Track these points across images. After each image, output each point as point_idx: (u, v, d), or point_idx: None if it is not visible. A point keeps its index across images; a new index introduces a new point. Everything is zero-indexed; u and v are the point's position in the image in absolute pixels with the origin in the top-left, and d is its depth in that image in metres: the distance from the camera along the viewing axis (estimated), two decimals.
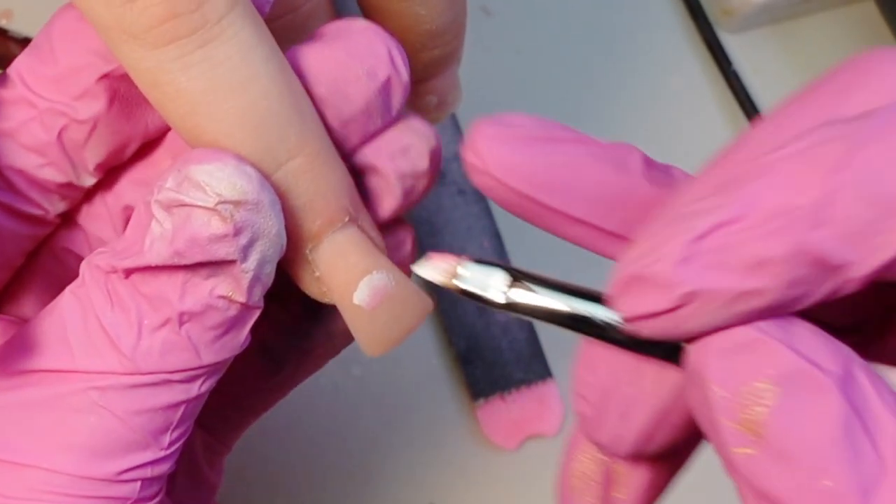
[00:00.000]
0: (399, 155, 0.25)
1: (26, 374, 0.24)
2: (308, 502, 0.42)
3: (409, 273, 0.25)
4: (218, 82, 0.22)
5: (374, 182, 0.25)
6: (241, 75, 0.22)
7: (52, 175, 0.25)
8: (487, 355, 0.42)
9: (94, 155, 0.25)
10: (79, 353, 0.23)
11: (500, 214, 0.44)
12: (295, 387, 0.29)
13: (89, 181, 0.25)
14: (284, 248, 0.23)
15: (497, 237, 0.43)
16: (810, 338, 0.20)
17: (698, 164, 0.24)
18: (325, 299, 0.25)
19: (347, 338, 0.27)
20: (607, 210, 0.23)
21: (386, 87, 0.25)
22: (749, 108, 0.46)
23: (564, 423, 0.43)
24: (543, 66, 0.46)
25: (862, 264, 0.19)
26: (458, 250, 0.43)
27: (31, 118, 0.24)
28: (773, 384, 0.19)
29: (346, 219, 0.24)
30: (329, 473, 0.42)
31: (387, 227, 0.26)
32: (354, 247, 0.24)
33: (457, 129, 0.44)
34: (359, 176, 0.25)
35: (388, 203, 0.25)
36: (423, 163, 0.25)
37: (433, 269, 0.23)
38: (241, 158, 0.22)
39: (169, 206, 0.22)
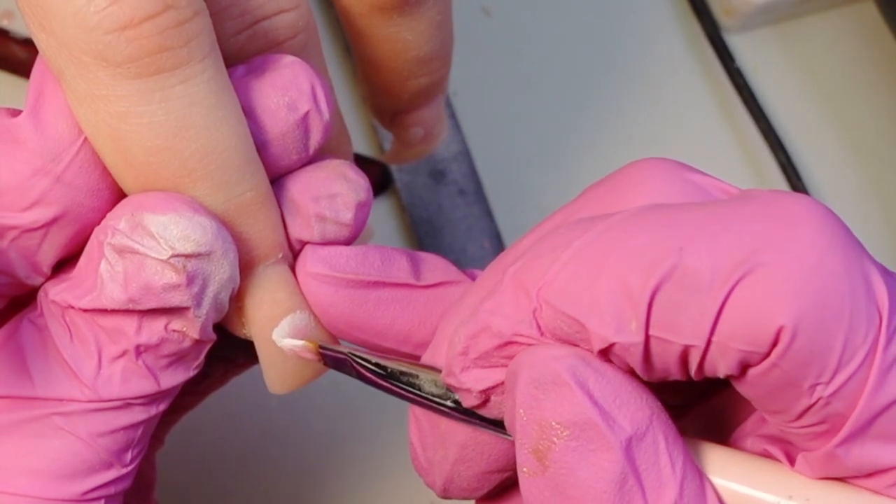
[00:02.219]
0: (324, 199, 0.25)
1: None
2: (307, 502, 0.41)
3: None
4: (192, 120, 0.22)
5: (291, 217, 0.25)
6: (213, 116, 0.23)
7: (1, 280, 0.24)
8: None
9: (47, 258, 0.24)
10: (39, 381, 0.24)
11: (500, 215, 0.44)
12: (224, 384, 0.30)
13: (39, 281, 0.25)
14: (237, 287, 0.24)
15: (497, 238, 0.43)
16: (617, 387, 0.21)
17: (700, 163, 0.24)
18: (241, 332, 0.25)
19: None
20: (404, 337, 0.26)
21: (304, 122, 0.25)
22: (752, 107, 0.46)
23: None
24: (543, 66, 0.46)
25: None
26: (458, 251, 0.43)
27: None
28: (563, 427, 0.21)
29: (280, 255, 0.25)
30: (329, 473, 0.42)
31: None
32: (283, 284, 0.25)
33: (457, 129, 0.44)
34: (279, 206, 0.25)
35: (302, 243, 0.25)
36: (347, 214, 0.25)
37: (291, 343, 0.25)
38: (195, 207, 0.23)
39: (122, 251, 0.23)
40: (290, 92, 0.24)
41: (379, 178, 0.43)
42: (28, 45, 0.42)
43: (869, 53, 0.48)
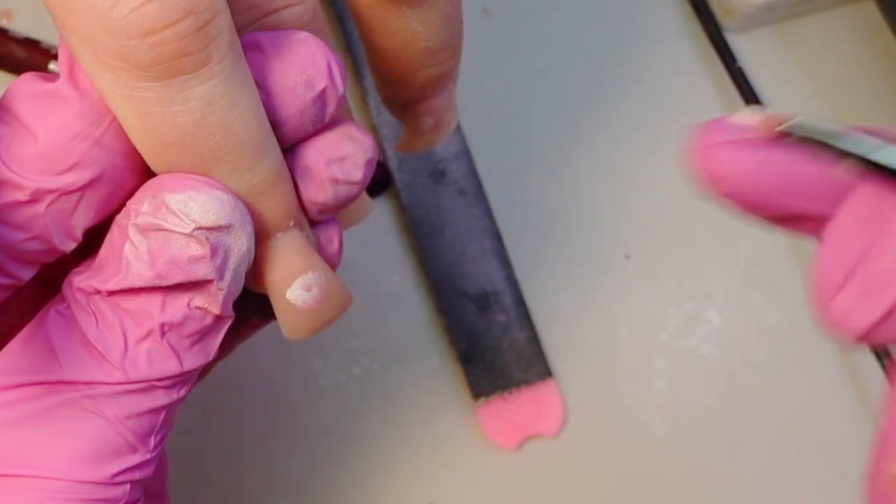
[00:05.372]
0: (335, 162, 0.26)
1: (15, 389, 0.25)
2: (308, 502, 0.42)
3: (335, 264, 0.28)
4: (210, 119, 0.23)
5: (306, 182, 0.26)
6: (231, 113, 0.23)
7: (36, 246, 0.25)
8: (487, 355, 0.42)
9: (82, 221, 0.25)
10: (67, 366, 0.25)
11: (500, 214, 0.44)
12: (231, 351, 0.31)
13: (71, 246, 0.25)
14: (252, 260, 0.25)
15: (497, 238, 0.43)
16: None
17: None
18: (258, 288, 0.27)
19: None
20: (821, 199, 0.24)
21: (321, 98, 0.25)
22: (754, 104, 0.45)
23: (564, 423, 0.43)
24: (543, 66, 0.46)
25: None
26: (458, 251, 0.43)
27: (17, 198, 0.24)
28: None
29: (291, 223, 0.26)
30: (329, 473, 0.42)
31: (317, 224, 0.28)
32: (295, 249, 0.26)
33: (457, 129, 0.44)
34: (293, 173, 0.27)
35: (318, 205, 0.27)
36: (357, 173, 0.27)
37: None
38: (212, 184, 0.24)
39: (146, 230, 0.24)
40: (307, 70, 0.25)
41: (379, 178, 0.43)
42: (28, 44, 0.42)
43: (870, 53, 0.48)
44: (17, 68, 0.42)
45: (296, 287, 0.26)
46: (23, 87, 0.24)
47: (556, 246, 0.45)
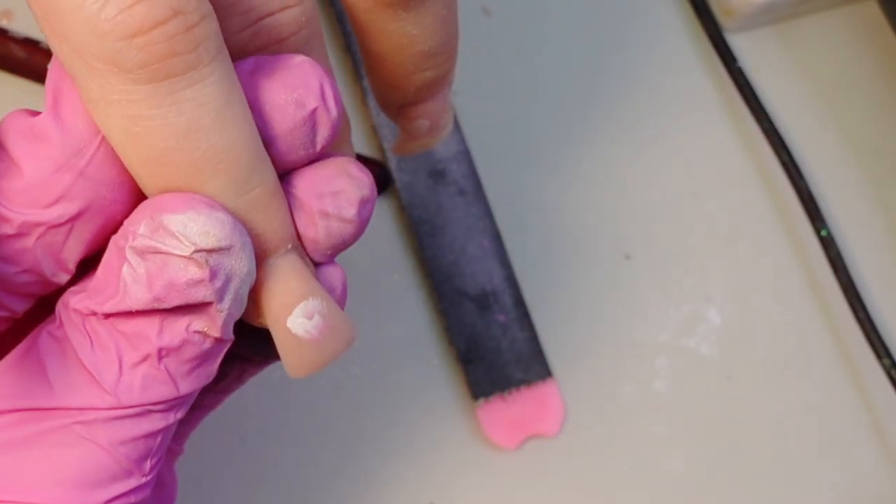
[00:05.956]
0: (327, 196, 0.25)
1: (5, 414, 0.24)
2: (308, 502, 0.41)
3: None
4: (202, 122, 0.23)
5: (296, 214, 0.25)
6: (222, 117, 0.23)
7: (28, 279, 0.25)
8: (487, 355, 0.42)
9: (73, 254, 0.24)
10: (60, 391, 0.24)
11: (500, 214, 0.44)
12: (240, 387, 0.30)
13: (65, 278, 0.25)
14: (254, 281, 0.24)
15: (497, 238, 0.43)
16: None
17: (701, 163, 0.24)
18: (257, 321, 0.26)
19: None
20: None
21: (312, 118, 0.25)
22: (754, 107, 0.45)
23: (564, 423, 0.43)
24: (543, 66, 0.46)
25: None
26: (458, 251, 0.43)
27: (7, 232, 0.24)
28: None
29: (289, 246, 0.25)
30: (328, 473, 0.42)
31: (317, 266, 0.27)
32: (294, 273, 0.25)
33: (457, 129, 0.44)
34: None
35: (309, 241, 0.26)
36: (349, 209, 0.26)
37: None
38: (212, 204, 0.23)
39: (143, 253, 0.23)
40: (298, 89, 0.25)
41: (379, 177, 0.43)
42: (27, 44, 0.42)
43: (871, 53, 0.48)
44: (17, 68, 0.42)
45: (297, 314, 0.25)
46: (11, 123, 0.24)
47: (556, 246, 0.45)
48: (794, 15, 0.48)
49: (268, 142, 0.25)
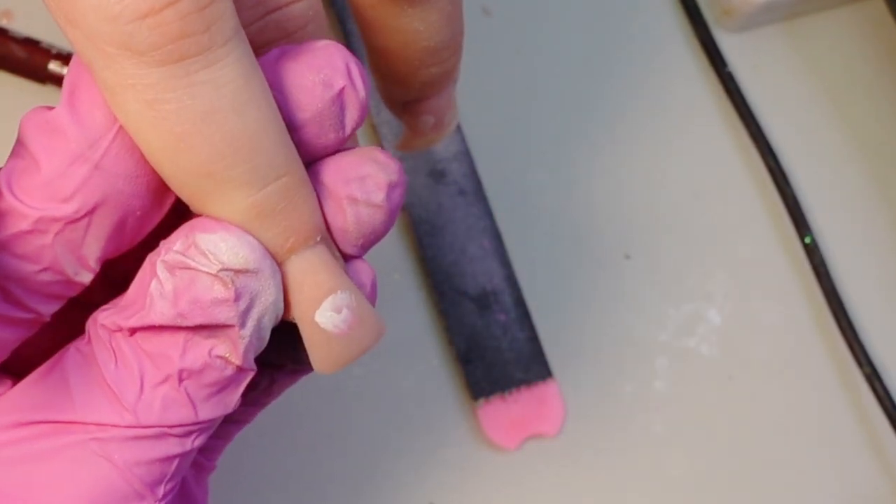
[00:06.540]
0: (354, 181, 0.25)
1: (25, 426, 0.24)
2: (308, 501, 0.42)
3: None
4: (219, 104, 0.22)
5: (322, 202, 0.25)
6: (241, 99, 0.23)
7: (50, 278, 0.24)
8: (487, 355, 0.42)
9: (93, 250, 0.24)
10: (81, 405, 0.24)
11: (500, 214, 0.44)
12: (273, 400, 0.30)
13: (88, 277, 0.25)
14: (280, 317, 0.24)
15: (497, 237, 0.43)
16: None
17: (702, 163, 0.24)
18: (284, 316, 0.25)
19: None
20: None
21: (340, 98, 0.25)
22: (743, 110, 0.46)
23: (564, 423, 0.43)
24: (543, 66, 0.46)
25: None
26: (458, 251, 0.43)
27: (24, 228, 0.24)
28: None
29: (318, 238, 0.25)
30: (329, 473, 0.42)
31: (346, 261, 0.26)
32: (323, 265, 0.25)
33: (457, 129, 0.44)
34: None
35: (338, 231, 0.25)
36: (378, 194, 0.25)
37: None
38: (245, 231, 0.23)
39: (173, 268, 0.23)
40: (324, 69, 0.24)
41: None
42: (27, 44, 0.42)
43: (876, 51, 0.48)
44: (17, 68, 0.42)
45: (325, 308, 0.24)
46: (30, 119, 0.24)
47: (556, 246, 0.45)
48: (797, 14, 0.48)
49: (298, 126, 0.24)
